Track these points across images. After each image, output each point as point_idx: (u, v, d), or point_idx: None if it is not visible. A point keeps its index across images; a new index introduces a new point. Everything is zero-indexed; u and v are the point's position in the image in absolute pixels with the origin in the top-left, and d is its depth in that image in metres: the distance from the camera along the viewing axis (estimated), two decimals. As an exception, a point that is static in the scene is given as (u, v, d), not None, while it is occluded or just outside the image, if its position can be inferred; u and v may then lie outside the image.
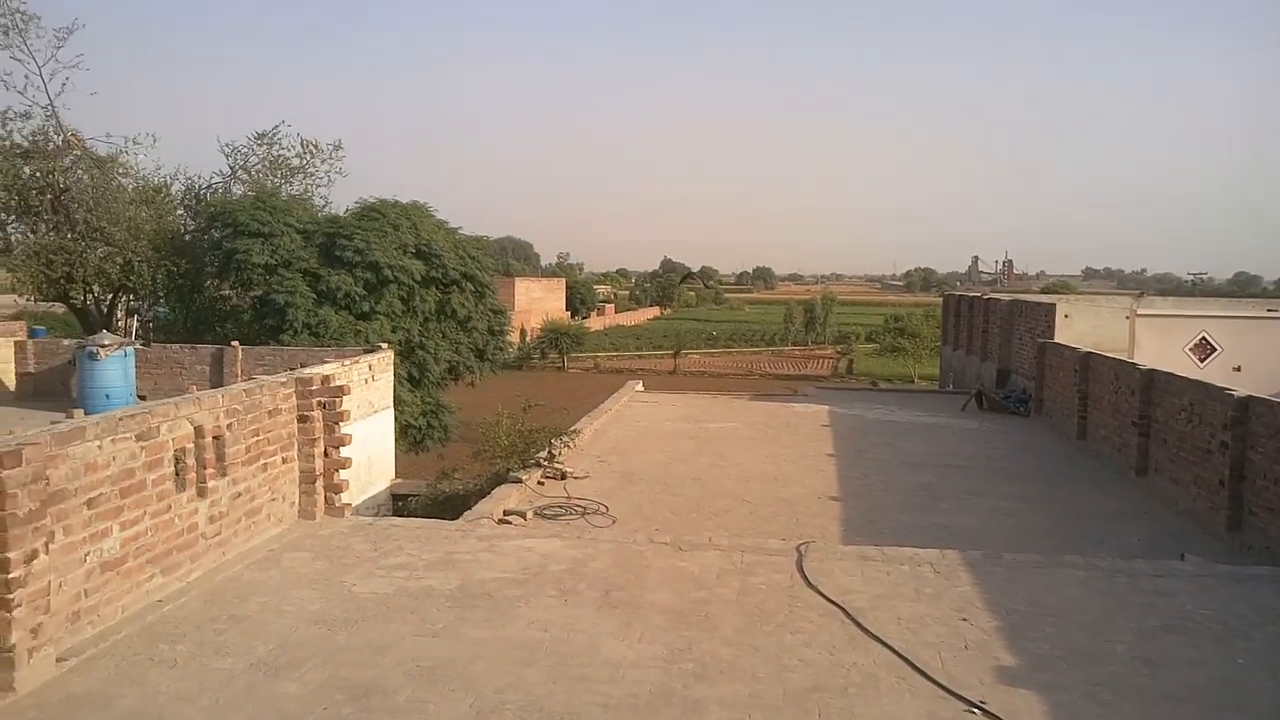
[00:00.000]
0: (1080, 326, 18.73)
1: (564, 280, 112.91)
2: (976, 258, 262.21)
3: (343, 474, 8.54)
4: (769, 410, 18.87)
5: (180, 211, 26.45)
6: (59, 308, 30.35)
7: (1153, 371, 12.24)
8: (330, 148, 27.94)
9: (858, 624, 6.10)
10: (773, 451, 14.35)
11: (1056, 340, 17.90)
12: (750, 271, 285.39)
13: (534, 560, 7.31)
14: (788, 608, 6.39)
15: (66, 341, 20.16)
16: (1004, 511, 10.99)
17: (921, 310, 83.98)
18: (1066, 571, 7.35)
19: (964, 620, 6.23)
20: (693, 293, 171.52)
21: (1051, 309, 19.07)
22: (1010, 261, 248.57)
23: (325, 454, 8.38)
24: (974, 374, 24.23)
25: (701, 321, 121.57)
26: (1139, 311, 19.88)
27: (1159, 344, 19.00)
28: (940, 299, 39.60)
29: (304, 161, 27.59)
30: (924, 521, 10.43)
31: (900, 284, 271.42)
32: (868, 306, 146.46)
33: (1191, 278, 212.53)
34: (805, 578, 6.95)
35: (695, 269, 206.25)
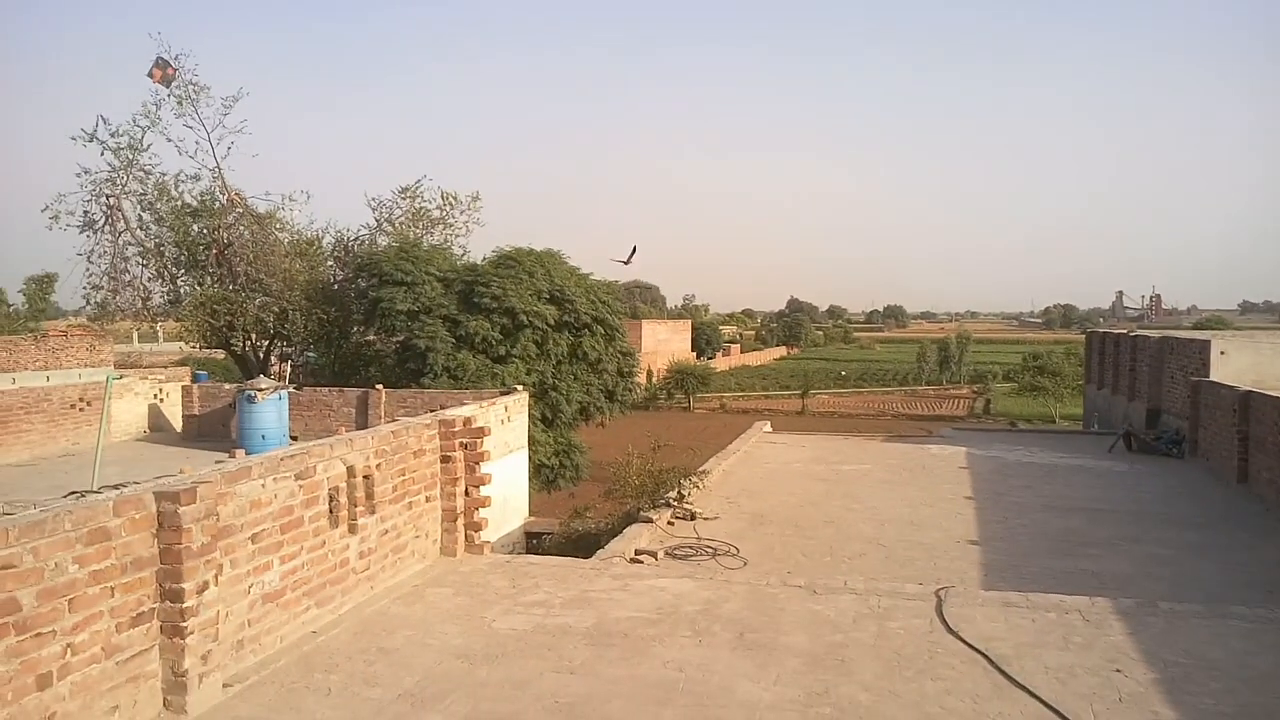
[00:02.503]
0: (1238, 364, 17.67)
1: (690, 321, 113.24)
2: (1121, 293, 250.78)
3: (482, 512, 8.81)
4: (903, 452, 18.45)
5: (330, 263, 27.96)
6: (219, 353, 32.42)
7: (1323, 411, 11.44)
8: (469, 199, 29.13)
9: (1002, 672, 5.90)
10: (908, 494, 14.03)
11: (1212, 378, 16.93)
12: (881, 310, 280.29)
13: (667, 600, 7.36)
14: (927, 654, 6.23)
15: (227, 386, 21.48)
16: (1158, 559, 10.42)
17: (1062, 348, 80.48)
18: (1231, 623, 6.92)
19: (1118, 671, 5.94)
20: (820, 331, 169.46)
21: (1206, 345, 18.08)
22: (1158, 296, 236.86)
23: (466, 493, 8.68)
24: (1121, 414, 23.09)
25: (830, 361, 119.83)
26: (1305, 347, 18.61)
27: (1329, 381, 17.71)
28: (1082, 336, 37.98)
29: (444, 213, 28.83)
30: (1070, 567, 9.99)
31: (1039, 321, 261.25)
32: (1005, 344, 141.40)
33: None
34: (945, 623, 6.77)
35: (823, 308, 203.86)
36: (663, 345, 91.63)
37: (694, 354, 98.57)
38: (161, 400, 21.19)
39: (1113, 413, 24.55)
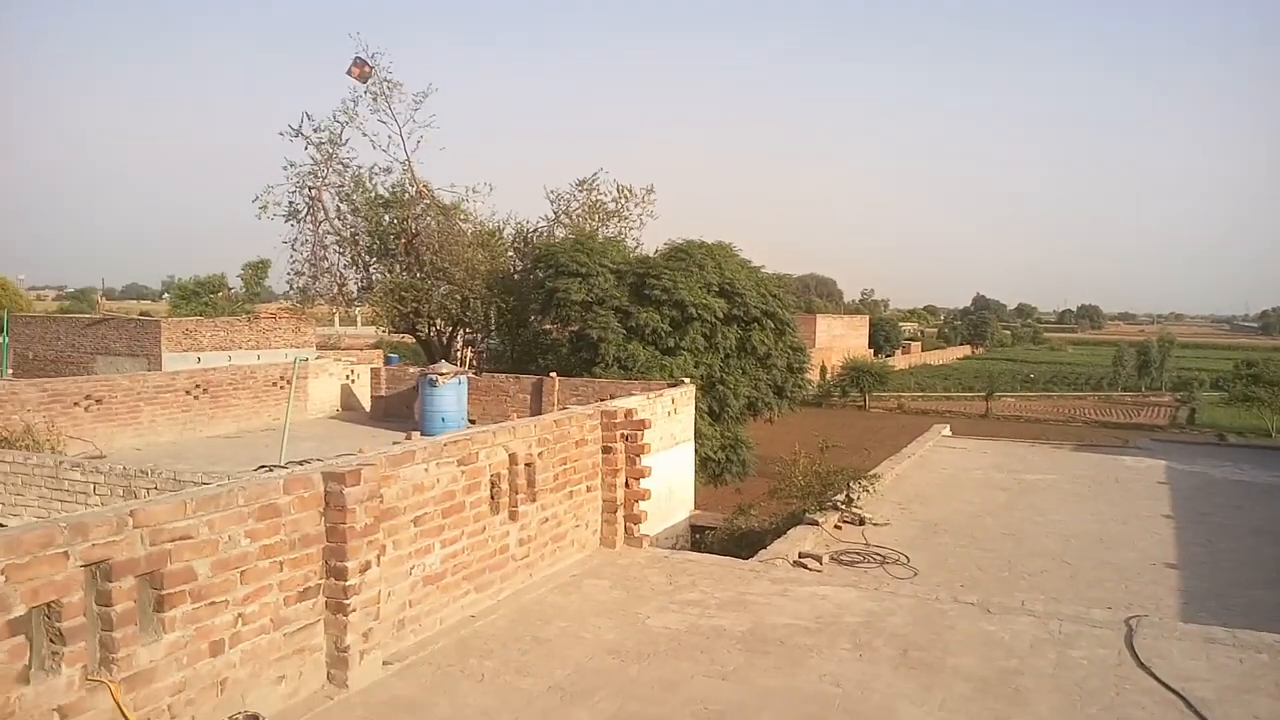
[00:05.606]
0: None
1: (867, 317, 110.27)
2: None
3: (642, 505, 8.75)
4: (1095, 462, 17.23)
5: (510, 253, 28.79)
6: (408, 338, 34.06)
7: None
8: (643, 192, 29.33)
9: (1202, 718, 5.30)
10: (1098, 509, 13.05)
11: None
12: (1074, 309, 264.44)
13: (828, 609, 7.06)
14: (1114, 689, 5.68)
15: (412, 369, 22.48)
16: (1397, 599, 9.21)
17: (1283, 355, 73.40)
18: None
19: (1343, 729, 5.23)
20: (1008, 331, 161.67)
21: None
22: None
23: (626, 485, 8.64)
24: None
25: (1017, 362, 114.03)
26: None
27: None
28: (1310, 343, 34.40)
29: (619, 205, 29.13)
30: (1287, 602, 8.98)
31: (1254, 325, 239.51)
32: (1213, 350, 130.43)
33: None
34: (1136, 657, 6.17)
35: (1011, 306, 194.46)
36: (838, 341, 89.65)
37: (871, 351, 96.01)
38: (353, 381, 22.41)
39: (1343, 430, 22.12)
